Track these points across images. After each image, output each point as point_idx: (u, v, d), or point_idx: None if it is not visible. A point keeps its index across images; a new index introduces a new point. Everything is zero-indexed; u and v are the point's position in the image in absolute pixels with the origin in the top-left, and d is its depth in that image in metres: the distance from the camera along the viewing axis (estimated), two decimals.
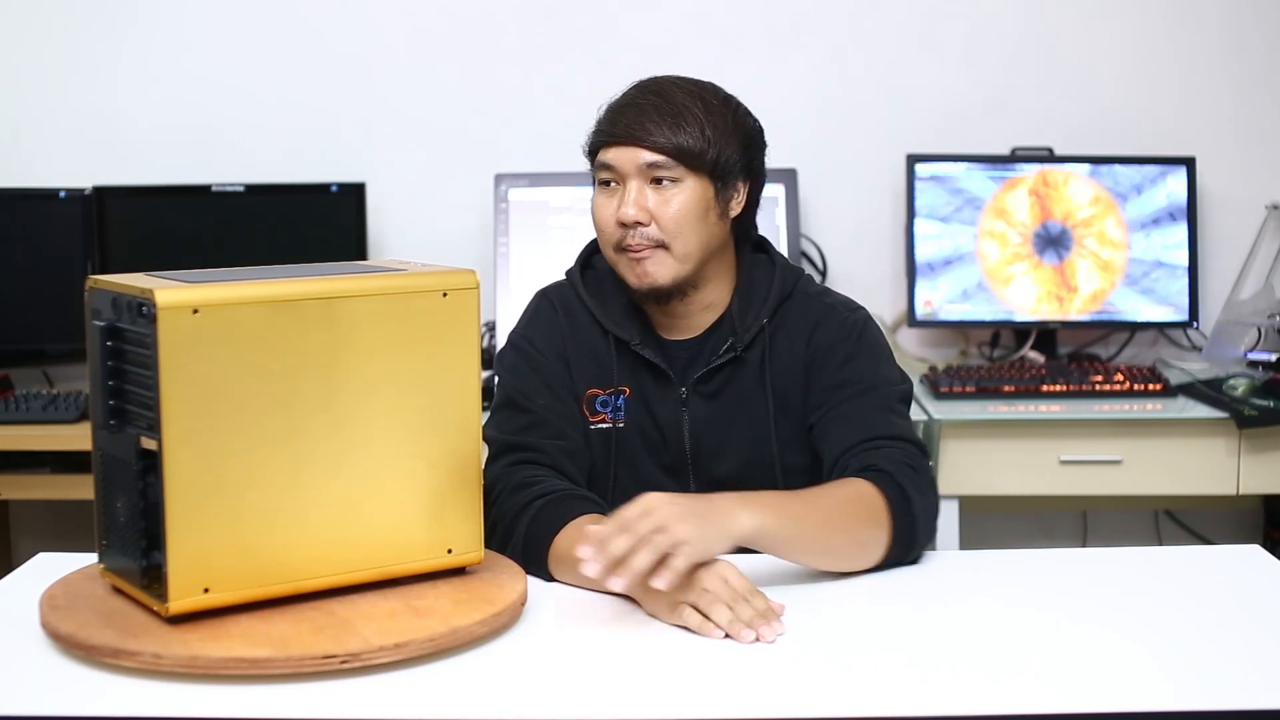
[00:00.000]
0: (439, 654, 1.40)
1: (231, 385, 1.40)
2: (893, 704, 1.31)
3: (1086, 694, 1.33)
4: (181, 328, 1.37)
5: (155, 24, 3.41)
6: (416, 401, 1.50)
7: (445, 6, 3.41)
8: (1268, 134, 3.43)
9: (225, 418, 1.40)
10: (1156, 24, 3.42)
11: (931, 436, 2.87)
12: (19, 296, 3.24)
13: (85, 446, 3.16)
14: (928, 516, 1.71)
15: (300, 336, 1.43)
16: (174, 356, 1.37)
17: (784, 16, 3.40)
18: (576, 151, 1.92)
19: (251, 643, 1.37)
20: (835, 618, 1.55)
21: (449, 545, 1.53)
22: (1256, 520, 3.47)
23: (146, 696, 1.33)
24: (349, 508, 1.47)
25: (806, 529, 1.59)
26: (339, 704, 1.31)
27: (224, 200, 3.25)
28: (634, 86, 1.85)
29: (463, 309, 1.53)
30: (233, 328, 1.39)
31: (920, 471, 1.74)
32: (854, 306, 1.91)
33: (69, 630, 1.41)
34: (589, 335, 1.90)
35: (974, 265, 3.28)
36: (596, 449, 1.88)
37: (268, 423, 1.42)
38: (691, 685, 1.37)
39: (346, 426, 1.46)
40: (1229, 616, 1.55)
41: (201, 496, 1.39)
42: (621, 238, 1.80)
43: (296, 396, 1.43)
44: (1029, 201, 3.29)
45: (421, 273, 1.54)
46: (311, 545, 1.46)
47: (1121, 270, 3.28)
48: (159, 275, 1.49)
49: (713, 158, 1.78)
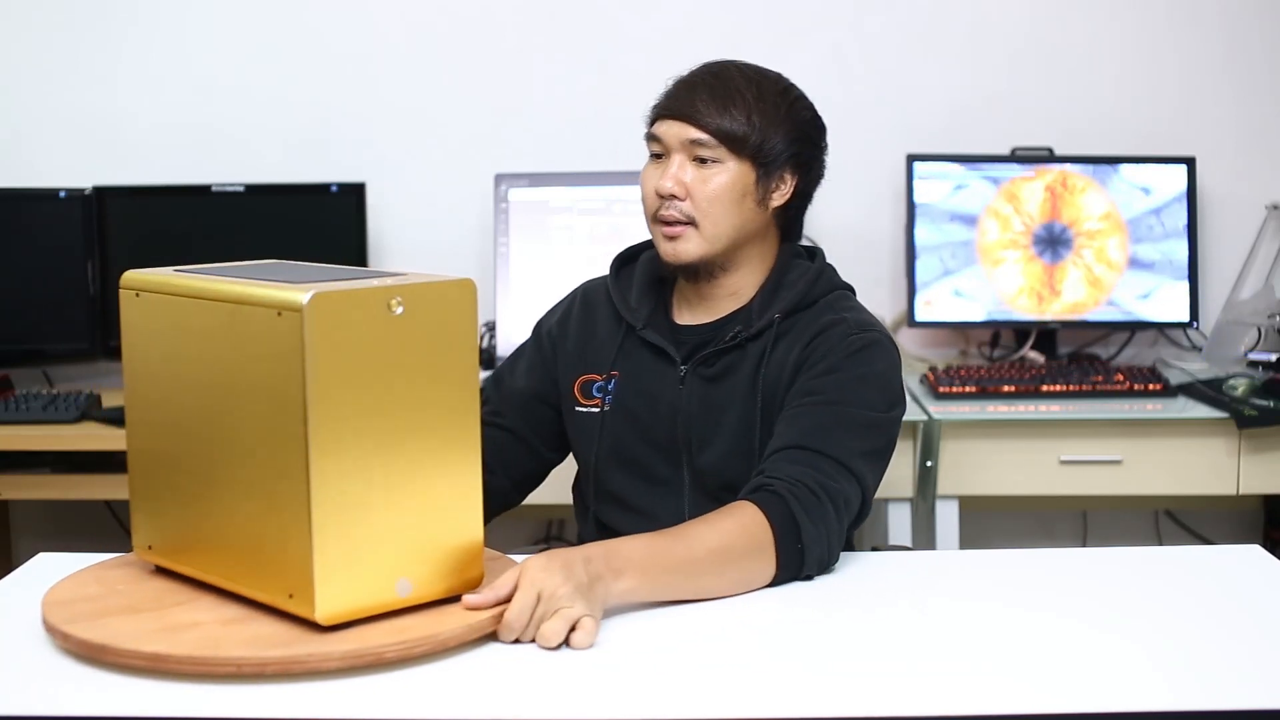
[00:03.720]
0: (442, 653, 1.40)
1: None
2: (892, 704, 1.31)
3: (1087, 694, 1.33)
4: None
5: (155, 24, 3.41)
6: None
7: (445, 6, 3.41)
8: (1268, 134, 3.43)
9: (364, 420, 1.38)
10: (1156, 24, 3.42)
11: (931, 436, 2.87)
12: (19, 296, 3.24)
13: (85, 446, 3.16)
14: (819, 544, 1.65)
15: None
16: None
17: (784, 16, 3.40)
18: (576, 151, 1.93)
19: (247, 640, 1.37)
20: (835, 617, 1.55)
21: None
22: (1256, 520, 3.47)
23: (146, 695, 1.33)
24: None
25: (677, 581, 1.56)
26: (340, 704, 1.31)
27: (224, 200, 3.25)
28: (700, 65, 1.89)
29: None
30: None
31: (822, 497, 1.67)
32: (870, 327, 1.86)
33: (75, 630, 1.40)
34: (605, 321, 1.95)
35: (975, 266, 3.28)
36: (581, 432, 1.94)
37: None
38: (691, 685, 1.36)
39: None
40: (1229, 616, 1.55)
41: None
42: (659, 207, 1.84)
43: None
44: (1043, 196, 3.29)
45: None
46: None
47: (1107, 289, 3.27)
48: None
49: (756, 143, 1.81)
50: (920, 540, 3.00)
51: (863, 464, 1.74)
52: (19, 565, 1.74)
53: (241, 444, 1.42)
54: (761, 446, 1.82)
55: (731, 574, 1.60)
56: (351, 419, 1.37)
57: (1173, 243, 3.29)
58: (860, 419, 1.76)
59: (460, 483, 1.46)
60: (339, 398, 1.36)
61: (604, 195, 3.24)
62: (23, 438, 2.92)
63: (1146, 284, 3.28)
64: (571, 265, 3.15)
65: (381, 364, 1.39)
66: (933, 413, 2.91)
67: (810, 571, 1.65)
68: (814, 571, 1.66)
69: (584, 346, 1.96)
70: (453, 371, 1.44)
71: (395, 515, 1.41)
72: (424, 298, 1.41)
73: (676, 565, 1.56)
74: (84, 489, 3.02)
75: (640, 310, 1.92)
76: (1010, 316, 3.30)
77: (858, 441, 1.75)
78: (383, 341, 1.39)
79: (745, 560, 1.61)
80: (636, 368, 1.91)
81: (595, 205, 3.24)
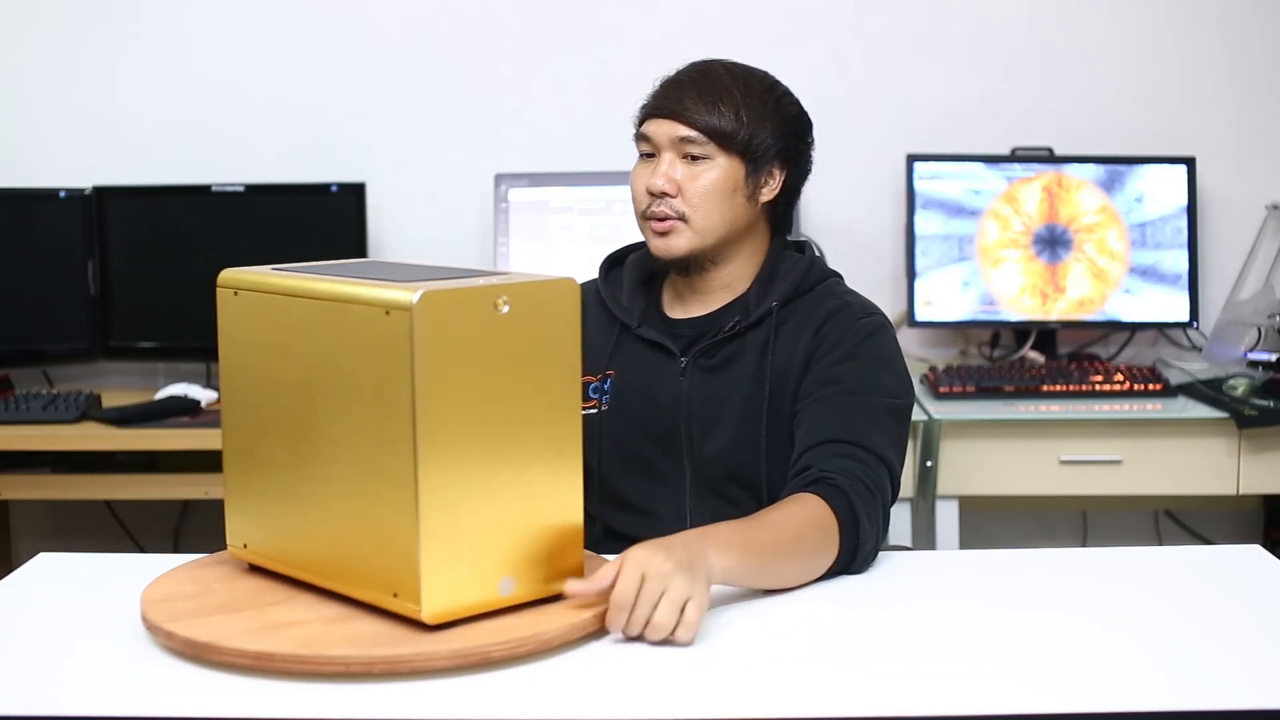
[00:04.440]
0: (546, 652, 1.40)
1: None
2: (892, 704, 1.31)
3: (1086, 694, 1.33)
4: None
5: (155, 24, 3.41)
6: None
7: (445, 6, 3.41)
8: (1268, 134, 3.43)
9: (469, 419, 1.38)
10: (1156, 24, 3.42)
11: (931, 436, 2.87)
12: (19, 296, 3.24)
13: (85, 446, 3.16)
14: (872, 539, 1.67)
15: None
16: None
17: (784, 16, 3.40)
18: (576, 151, 1.94)
19: (350, 639, 1.37)
20: (835, 617, 1.55)
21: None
22: (1256, 520, 3.47)
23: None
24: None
25: (766, 564, 1.58)
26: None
27: (224, 200, 3.25)
28: (686, 65, 1.91)
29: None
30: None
31: (875, 493, 1.69)
32: (874, 311, 1.90)
33: (178, 629, 1.39)
34: (595, 323, 1.95)
35: (975, 266, 3.28)
36: (589, 430, 1.90)
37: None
38: (691, 685, 1.36)
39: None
40: (1229, 616, 1.55)
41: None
42: (649, 205, 1.86)
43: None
44: (1040, 196, 3.29)
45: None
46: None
47: (1115, 281, 3.28)
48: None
49: (745, 139, 1.83)
50: (920, 540, 3.00)
51: (893, 454, 1.78)
52: (19, 565, 1.74)
53: (344, 443, 1.42)
54: (768, 434, 1.83)
55: (806, 562, 1.62)
56: (458, 417, 1.37)
57: (1172, 242, 3.29)
58: (884, 407, 1.80)
59: (562, 481, 1.46)
60: (446, 396, 1.36)
61: (604, 195, 3.24)
62: (23, 438, 2.92)
63: (1147, 283, 3.28)
64: (571, 265, 3.15)
65: (487, 362, 1.39)
66: (933, 413, 2.91)
67: (861, 567, 1.67)
68: (863, 567, 1.68)
69: (582, 347, 1.96)
70: (556, 369, 1.45)
71: (499, 514, 1.41)
72: (529, 296, 1.41)
73: (766, 547, 1.58)
74: (84, 489, 3.02)
75: (633, 308, 1.94)
76: (1011, 316, 3.30)
77: (885, 432, 1.78)
78: (489, 340, 1.39)
79: (817, 549, 1.63)
80: (633, 365, 1.92)
81: (595, 205, 3.24)
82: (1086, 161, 3.30)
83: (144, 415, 2.96)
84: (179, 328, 3.25)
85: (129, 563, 1.76)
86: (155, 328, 3.28)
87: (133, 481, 3.00)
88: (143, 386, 3.27)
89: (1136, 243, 3.29)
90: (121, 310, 3.27)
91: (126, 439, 2.93)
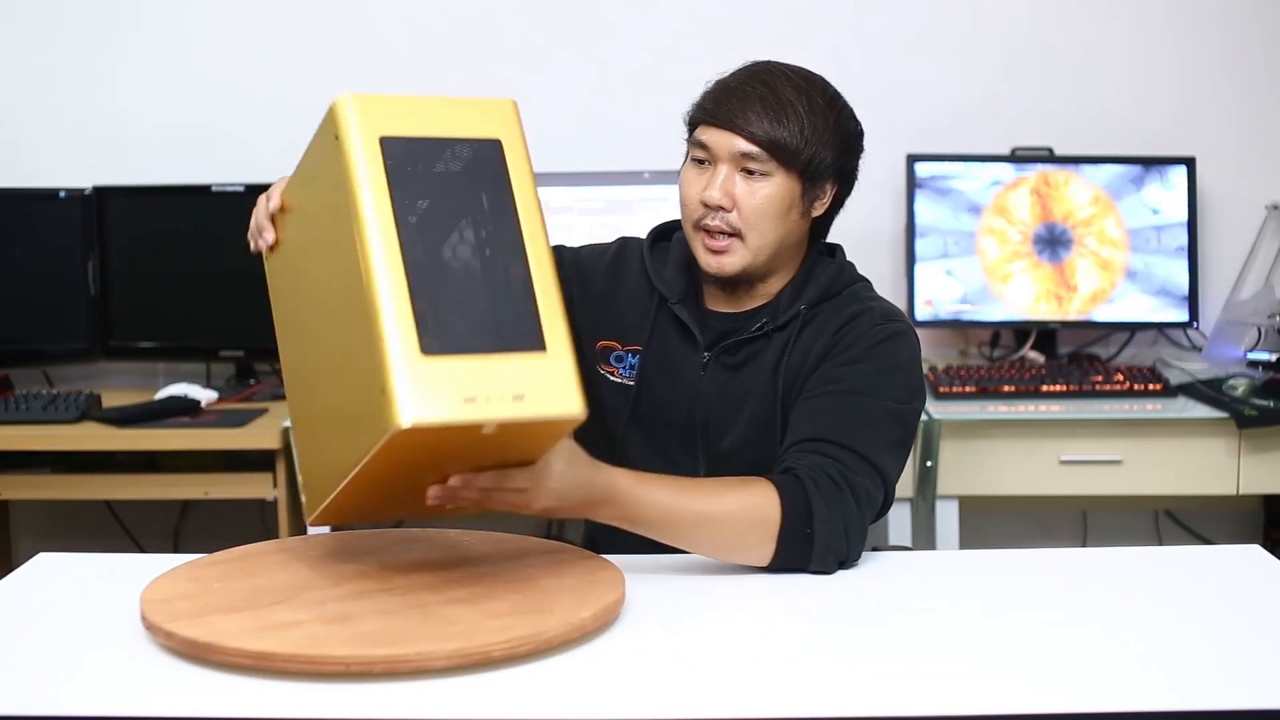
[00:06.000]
0: (546, 651, 1.41)
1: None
2: (892, 704, 1.31)
3: (1086, 694, 1.33)
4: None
5: (156, 24, 3.41)
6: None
7: (445, 6, 3.41)
8: (1268, 134, 3.43)
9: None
10: (1156, 24, 3.42)
11: (931, 436, 2.87)
12: (19, 296, 3.25)
13: (85, 446, 3.15)
14: (833, 533, 1.65)
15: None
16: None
17: (784, 16, 3.40)
18: (577, 151, 1.93)
19: (351, 639, 1.37)
20: (834, 617, 1.55)
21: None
22: (1256, 520, 3.47)
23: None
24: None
25: (660, 532, 1.64)
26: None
27: (224, 200, 3.25)
28: (744, 70, 1.85)
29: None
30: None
31: (843, 488, 1.67)
32: (896, 317, 1.87)
33: (178, 629, 1.40)
34: (632, 287, 1.94)
35: (974, 266, 3.28)
36: (612, 400, 1.92)
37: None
38: (690, 685, 1.36)
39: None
40: (1229, 616, 1.55)
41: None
42: (702, 216, 1.82)
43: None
44: (1030, 200, 3.29)
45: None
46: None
47: (1122, 269, 3.29)
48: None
49: (807, 158, 1.79)
50: (920, 540, 3.00)
51: (884, 456, 1.75)
52: (19, 565, 1.74)
53: (325, 304, 1.50)
54: (781, 432, 1.83)
55: (719, 541, 1.66)
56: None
57: (1173, 243, 3.29)
58: (881, 409, 1.77)
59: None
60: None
61: (604, 195, 3.24)
62: (23, 438, 2.92)
63: (1147, 283, 3.28)
64: None
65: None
66: (933, 413, 2.91)
67: (823, 565, 1.65)
68: (828, 564, 1.65)
69: (608, 303, 1.94)
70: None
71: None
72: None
73: (679, 514, 1.63)
74: (84, 489, 3.02)
75: (675, 285, 1.91)
76: (1011, 316, 3.30)
77: (879, 433, 1.75)
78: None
79: (740, 534, 1.64)
80: (662, 346, 1.91)
81: (595, 205, 3.24)
82: (1086, 162, 3.30)
83: (144, 415, 2.96)
84: (179, 328, 3.25)
85: (129, 563, 1.76)
86: (155, 328, 3.27)
87: (133, 481, 3.00)
88: (143, 386, 3.27)
89: (1137, 243, 3.29)
90: (121, 310, 3.27)
91: (126, 439, 2.93)
